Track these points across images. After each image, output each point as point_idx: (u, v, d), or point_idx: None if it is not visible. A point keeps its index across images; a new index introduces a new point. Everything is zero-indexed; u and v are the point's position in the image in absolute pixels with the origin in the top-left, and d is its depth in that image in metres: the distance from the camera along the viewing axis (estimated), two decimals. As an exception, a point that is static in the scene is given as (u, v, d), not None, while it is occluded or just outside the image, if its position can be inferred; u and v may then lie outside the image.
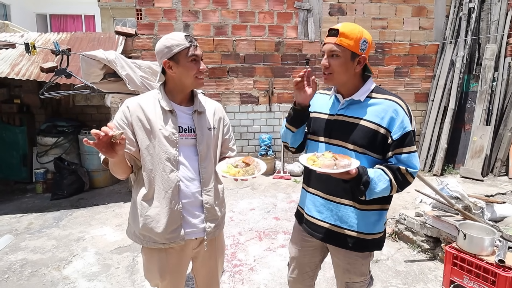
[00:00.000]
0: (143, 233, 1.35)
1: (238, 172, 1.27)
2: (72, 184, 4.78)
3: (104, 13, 9.60)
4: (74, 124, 5.46)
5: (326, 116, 1.40)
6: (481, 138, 5.06)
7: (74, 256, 3.00)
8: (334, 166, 1.16)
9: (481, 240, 2.12)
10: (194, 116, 1.37)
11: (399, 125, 1.24)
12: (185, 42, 1.25)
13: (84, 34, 5.92)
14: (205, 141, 1.38)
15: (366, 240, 1.36)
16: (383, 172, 1.25)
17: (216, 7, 5.47)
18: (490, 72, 5.17)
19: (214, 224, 1.43)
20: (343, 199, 1.34)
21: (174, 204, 1.32)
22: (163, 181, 1.31)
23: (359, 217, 1.33)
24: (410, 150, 1.25)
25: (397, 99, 1.30)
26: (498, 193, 3.98)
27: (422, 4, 5.83)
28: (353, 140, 1.30)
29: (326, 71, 1.30)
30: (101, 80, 2.34)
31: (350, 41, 1.23)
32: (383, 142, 1.27)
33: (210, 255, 1.49)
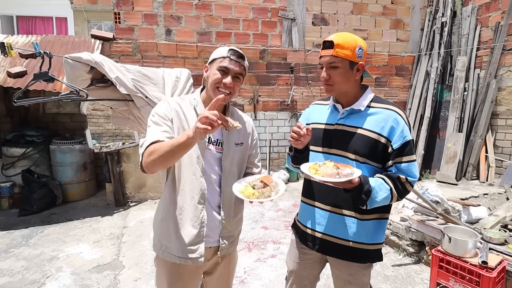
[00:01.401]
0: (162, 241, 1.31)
1: (253, 194, 1.21)
2: (43, 198, 4.42)
3: (77, 16, 9.19)
4: (44, 133, 5.09)
5: (325, 126, 1.40)
6: (455, 145, 5.31)
7: (48, 277, 2.74)
8: (337, 175, 1.15)
9: (465, 243, 2.20)
10: (223, 130, 1.33)
11: (399, 134, 1.25)
12: (224, 53, 1.25)
13: (56, 37, 5.60)
14: (231, 156, 1.34)
15: (368, 250, 1.35)
16: (383, 181, 1.25)
17: (200, 13, 5.39)
18: (461, 83, 5.47)
19: (228, 241, 1.37)
20: (344, 209, 1.33)
21: (198, 212, 1.27)
22: (191, 185, 1.26)
23: (360, 227, 1.32)
24: (410, 159, 1.26)
25: (397, 109, 1.31)
26: (472, 196, 4.18)
27: (399, 17, 6.10)
28: (354, 149, 1.29)
29: (327, 83, 1.31)
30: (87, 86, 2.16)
31: (346, 51, 1.24)
32: (383, 151, 1.28)
33: (222, 273, 1.42)
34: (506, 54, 5.09)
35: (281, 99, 5.83)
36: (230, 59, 1.23)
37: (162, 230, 1.31)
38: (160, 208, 1.35)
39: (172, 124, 1.24)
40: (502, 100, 5.18)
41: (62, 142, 4.84)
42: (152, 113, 1.26)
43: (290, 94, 5.76)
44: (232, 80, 1.24)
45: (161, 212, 1.33)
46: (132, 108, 2.27)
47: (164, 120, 1.23)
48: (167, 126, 1.22)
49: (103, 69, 2.07)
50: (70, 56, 2.04)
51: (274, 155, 5.91)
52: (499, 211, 3.21)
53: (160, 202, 1.36)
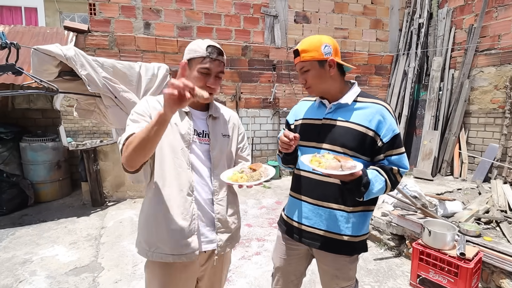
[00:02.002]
0: (150, 242, 1.22)
1: (242, 178, 1.18)
2: (13, 199, 4.17)
3: (48, 7, 8.73)
4: (14, 130, 4.78)
5: (313, 121, 1.42)
6: (430, 142, 5.53)
7: (21, 282, 2.58)
8: (340, 168, 1.16)
9: (444, 235, 2.28)
10: (208, 121, 1.31)
11: (388, 128, 1.29)
12: (202, 52, 1.19)
13: (26, 28, 5.28)
14: (219, 147, 1.31)
15: (355, 242, 1.37)
16: (378, 173, 1.28)
17: (180, 7, 5.26)
18: (437, 82, 5.69)
19: (226, 236, 1.30)
20: (332, 203, 1.35)
21: (188, 204, 1.21)
22: (178, 178, 1.21)
23: (347, 220, 1.35)
24: (400, 152, 1.30)
25: (384, 103, 1.35)
26: (447, 191, 4.36)
27: (378, 17, 6.25)
28: (343, 142, 1.31)
29: (305, 86, 1.37)
30: (55, 78, 2.02)
31: (311, 53, 1.30)
32: (371, 144, 1.30)
33: (215, 270, 1.37)
34: (479, 56, 5.34)
35: (263, 96, 5.82)
36: (210, 59, 1.18)
37: (150, 230, 1.24)
38: (145, 208, 1.28)
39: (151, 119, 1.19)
40: (475, 100, 5.44)
41: (34, 139, 4.58)
42: (131, 113, 1.22)
43: (273, 91, 5.76)
44: (214, 79, 1.21)
45: (147, 212, 1.26)
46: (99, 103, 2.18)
47: (142, 117, 1.18)
48: (145, 122, 1.17)
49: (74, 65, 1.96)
50: (39, 48, 1.91)
51: (257, 153, 5.90)
52: (472, 205, 3.37)
53: (145, 202, 1.29)
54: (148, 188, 1.27)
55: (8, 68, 1.86)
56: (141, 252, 1.26)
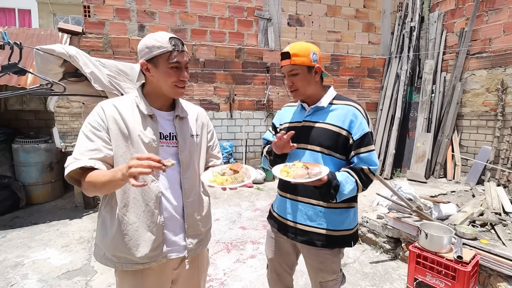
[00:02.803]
0: (118, 255, 1.17)
1: (226, 180, 1.16)
2: (4, 201, 4.11)
3: (42, 8, 8.68)
4: (6, 131, 4.74)
5: (294, 124, 1.53)
6: (423, 144, 5.59)
7: (12, 285, 2.54)
8: (307, 175, 1.23)
9: (441, 238, 2.28)
10: (175, 122, 1.25)
11: (358, 127, 1.38)
12: (167, 46, 1.12)
13: (20, 29, 5.25)
14: (188, 149, 1.26)
15: (334, 236, 1.44)
16: (349, 175, 1.36)
17: (174, 9, 5.27)
18: (429, 85, 5.77)
19: (196, 240, 1.28)
20: (311, 199, 1.44)
21: (155, 217, 1.17)
22: (143, 193, 1.16)
23: (326, 215, 1.43)
24: (369, 149, 1.38)
25: (356, 105, 1.45)
26: (440, 194, 4.40)
27: (371, 20, 6.32)
28: (319, 142, 1.41)
29: (292, 89, 1.44)
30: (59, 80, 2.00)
31: (302, 58, 1.37)
32: (345, 143, 1.39)
33: (192, 274, 1.34)
34: (470, 59, 5.43)
35: (257, 99, 5.84)
36: (177, 51, 1.13)
37: (117, 245, 1.17)
38: (107, 221, 1.19)
39: (108, 134, 1.14)
40: (467, 102, 5.52)
41: (26, 140, 4.53)
42: (85, 123, 1.15)
43: (266, 93, 5.78)
44: (185, 71, 1.19)
45: (111, 226, 1.18)
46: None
47: (97, 132, 1.12)
48: (100, 140, 1.11)
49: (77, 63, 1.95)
50: (42, 48, 1.90)
51: (250, 155, 5.91)
52: (466, 207, 3.39)
53: (106, 215, 1.20)
54: (109, 199, 1.19)
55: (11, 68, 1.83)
56: (108, 263, 1.21)
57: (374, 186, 5.08)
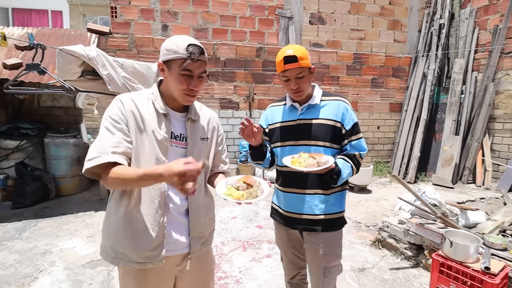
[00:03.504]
0: (117, 249, 1.19)
1: (242, 196, 1.17)
2: (36, 192, 4.37)
3: (73, 10, 9.10)
4: (39, 126, 5.03)
5: (288, 123, 1.60)
6: (451, 148, 5.34)
7: (41, 271, 2.70)
8: (317, 164, 1.36)
9: (467, 247, 2.16)
10: (187, 124, 1.25)
11: (349, 118, 1.54)
12: (183, 52, 1.10)
13: (52, 30, 5.53)
14: (196, 151, 1.26)
15: (337, 219, 1.59)
16: (345, 161, 1.51)
17: (197, 9, 5.35)
18: (458, 85, 5.50)
19: (200, 242, 1.28)
20: (314, 189, 1.55)
21: (159, 216, 1.18)
22: (150, 189, 1.17)
23: (327, 201, 1.56)
24: (359, 137, 1.56)
25: (344, 99, 1.59)
26: (468, 200, 4.19)
27: (397, 18, 6.11)
28: (321, 137, 1.53)
29: (297, 91, 1.50)
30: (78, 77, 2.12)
31: (306, 61, 1.47)
32: (339, 134, 1.54)
33: (198, 274, 1.34)
34: (504, 58, 5.12)
35: (277, 98, 5.79)
36: (192, 60, 1.10)
37: (118, 238, 1.18)
38: (112, 214, 1.21)
39: (128, 127, 1.15)
40: (500, 104, 5.21)
41: (57, 135, 4.78)
42: (105, 116, 1.16)
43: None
44: (197, 80, 1.15)
45: (116, 219, 1.19)
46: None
47: (117, 125, 1.13)
48: (121, 133, 1.12)
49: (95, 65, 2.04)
50: (64, 49, 2.00)
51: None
52: (497, 215, 3.20)
53: (112, 207, 1.21)
54: (116, 192, 1.20)
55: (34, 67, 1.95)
56: (106, 257, 1.22)
57: (397, 189, 4.96)
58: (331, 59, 5.91)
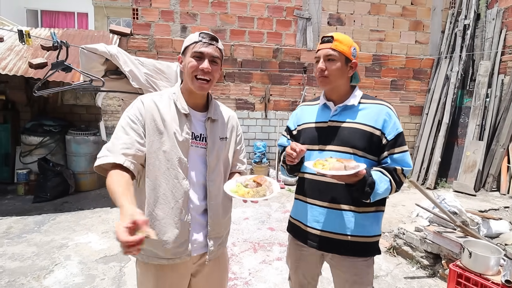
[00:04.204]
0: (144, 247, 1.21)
1: (248, 193, 1.15)
2: (57, 187, 4.54)
3: (98, 12, 9.41)
4: (61, 123, 5.23)
5: (318, 124, 1.43)
6: (474, 153, 5.10)
7: (56, 265, 2.79)
8: (344, 169, 1.17)
9: (487, 259, 2.06)
10: (207, 124, 1.26)
11: (392, 126, 1.33)
12: (195, 38, 1.18)
13: (77, 31, 5.74)
14: (216, 152, 1.26)
15: (368, 243, 1.36)
16: (382, 174, 1.29)
17: (215, 11, 5.40)
18: (483, 88, 5.25)
19: (217, 242, 1.30)
20: (342, 204, 1.35)
21: (183, 215, 1.20)
22: (173, 189, 1.18)
23: (358, 221, 1.34)
24: (403, 150, 1.33)
25: (387, 104, 1.39)
26: (491, 209, 3.99)
27: (419, 18, 5.92)
28: (353, 144, 1.33)
29: (323, 74, 1.35)
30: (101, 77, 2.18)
31: (344, 46, 1.32)
32: (378, 143, 1.33)
33: (214, 275, 1.35)
34: (533, 60, 4.85)
35: (292, 99, 5.77)
36: (202, 42, 1.16)
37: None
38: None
39: (144, 129, 1.16)
40: (527, 108, 4.94)
41: (78, 133, 4.95)
42: (124, 114, 1.19)
43: (302, 94, 5.69)
44: (210, 64, 1.17)
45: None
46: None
47: (133, 125, 1.15)
48: (134, 133, 1.14)
49: (117, 61, 2.09)
50: (86, 47, 2.07)
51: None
52: (520, 225, 3.04)
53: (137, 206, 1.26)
54: (138, 193, 1.22)
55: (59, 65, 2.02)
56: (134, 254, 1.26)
57: (415, 195, 4.79)
58: (349, 61, 5.80)
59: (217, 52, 1.19)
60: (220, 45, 1.22)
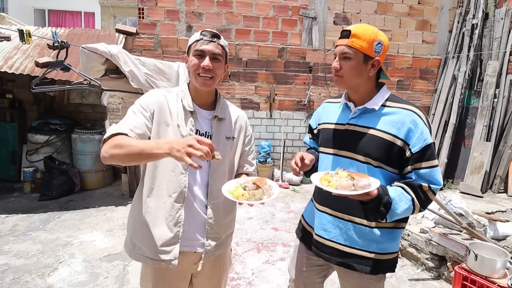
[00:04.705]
0: (134, 242, 1.24)
1: (243, 195, 1.12)
2: (62, 185, 4.57)
3: (104, 11, 9.47)
4: (67, 122, 5.28)
5: (336, 126, 1.33)
6: (481, 154, 5.03)
7: (61, 262, 2.81)
8: (352, 187, 1.07)
9: (493, 261, 2.04)
10: (213, 122, 1.26)
11: (419, 136, 1.15)
12: (197, 36, 1.19)
13: (83, 30, 5.79)
14: (220, 151, 1.24)
15: (380, 260, 1.25)
16: (403, 191, 1.15)
17: (221, 10, 5.40)
18: (491, 89, 5.17)
19: (215, 243, 1.27)
20: (354, 216, 1.24)
21: (174, 211, 1.18)
22: (169, 183, 1.18)
23: (372, 236, 1.23)
24: (432, 165, 1.15)
25: (415, 109, 1.21)
26: (498, 211, 3.93)
27: (426, 18, 5.86)
28: (366, 151, 1.21)
29: (337, 74, 1.24)
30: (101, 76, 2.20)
31: (362, 42, 1.16)
32: (399, 155, 1.17)
33: (213, 273, 1.34)
34: (543, 60, 4.75)
35: (297, 99, 5.74)
36: (203, 40, 1.17)
37: (135, 230, 1.23)
38: (134, 205, 1.27)
39: (152, 117, 1.18)
40: (536, 109, 4.85)
41: (83, 131, 4.99)
42: (135, 103, 1.21)
43: (308, 94, 5.66)
44: (211, 62, 1.17)
45: (135, 210, 1.24)
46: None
47: (143, 111, 1.17)
48: (144, 118, 1.15)
49: (117, 61, 2.10)
50: (86, 47, 2.08)
51: (288, 155, 5.83)
52: (528, 228, 2.98)
53: (135, 199, 1.27)
54: (140, 184, 1.25)
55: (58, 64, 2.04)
56: (126, 249, 1.27)
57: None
58: (354, 60, 5.75)
59: (218, 49, 1.19)
60: (222, 42, 1.22)
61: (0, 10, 9.73)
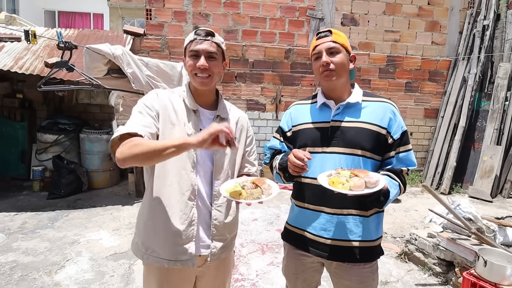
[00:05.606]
0: (147, 245, 1.21)
1: (240, 194, 1.11)
2: (70, 184, 4.64)
3: (113, 13, 9.57)
4: (76, 122, 5.35)
5: (318, 125, 1.33)
6: (491, 158, 4.94)
7: (67, 260, 2.85)
8: (365, 185, 1.10)
9: (503, 268, 1.99)
10: (215, 121, 1.26)
11: (398, 124, 1.29)
12: (191, 36, 1.18)
13: (92, 31, 5.86)
14: (223, 150, 1.25)
15: (372, 247, 1.32)
16: (391, 179, 1.27)
17: (228, 11, 5.41)
18: (502, 91, 5.08)
19: (221, 244, 1.27)
20: (351, 209, 1.28)
21: (188, 209, 1.18)
22: (180, 181, 1.18)
23: (364, 225, 1.30)
24: (408, 148, 1.30)
25: (390, 101, 1.34)
26: (508, 216, 3.84)
27: (435, 19, 5.78)
28: (362, 145, 1.26)
29: (328, 68, 1.25)
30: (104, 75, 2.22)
31: (343, 40, 1.28)
32: (383, 143, 1.29)
33: (216, 275, 1.33)
34: (557, 62, 4.65)
35: (305, 100, 5.71)
36: (197, 40, 1.16)
37: (148, 233, 1.21)
38: (144, 208, 1.24)
39: (158, 117, 1.17)
40: (549, 112, 4.74)
41: (91, 131, 5.05)
42: (139, 102, 1.20)
43: (315, 95, 5.63)
44: (207, 60, 1.16)
45: (146, 212, 1.22)
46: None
47: (149, 111, 1.16)
48: (151, 118, 1.15)
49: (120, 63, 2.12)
50: (91, 47, 2.10)
51: (295, 157, 5.82)
52: (539, 233, 2.91)
53: (144, 201, 1.25)
54: (148, 186, 1.24)
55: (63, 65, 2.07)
56: (137, 253, 1.25)
57: (428, 200, 4.67)
58: (362, 62, 5.71)
59: (213, 47, 1.18)
60: (217, 39, 1.20)
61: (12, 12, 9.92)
